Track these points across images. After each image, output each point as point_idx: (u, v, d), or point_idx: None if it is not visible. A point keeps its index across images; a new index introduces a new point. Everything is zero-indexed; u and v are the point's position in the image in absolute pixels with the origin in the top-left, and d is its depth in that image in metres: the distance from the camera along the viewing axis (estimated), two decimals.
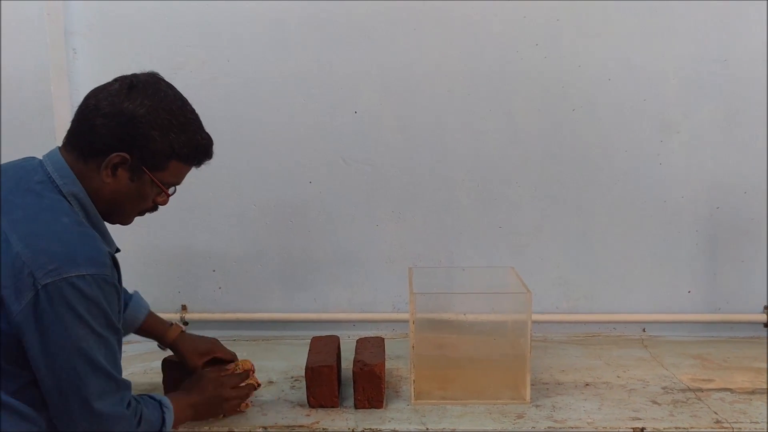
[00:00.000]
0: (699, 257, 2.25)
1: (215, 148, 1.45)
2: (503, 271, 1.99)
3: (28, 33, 2.08)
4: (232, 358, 1.73)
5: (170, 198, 1.43)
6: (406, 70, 2.18)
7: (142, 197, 1.37)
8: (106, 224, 1.40)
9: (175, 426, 1.45)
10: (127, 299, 1.67)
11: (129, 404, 1.31)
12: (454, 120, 2.20)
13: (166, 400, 1.44)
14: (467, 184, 2.23)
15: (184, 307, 2.28)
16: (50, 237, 1.22)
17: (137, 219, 1.45)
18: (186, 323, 2.27)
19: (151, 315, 1.71)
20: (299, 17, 2.16)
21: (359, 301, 2.29)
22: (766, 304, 2.24)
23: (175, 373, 1.72)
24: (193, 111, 1.38)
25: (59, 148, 1.35)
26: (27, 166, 1.33)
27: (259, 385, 1.72)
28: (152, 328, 1.71)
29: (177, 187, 1.44)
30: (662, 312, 2.27)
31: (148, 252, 2.24)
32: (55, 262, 1.18)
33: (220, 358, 1.71)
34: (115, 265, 1.30)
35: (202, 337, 1.76)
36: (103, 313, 1.23)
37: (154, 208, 1.43)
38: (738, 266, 2.24)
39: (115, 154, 1.29)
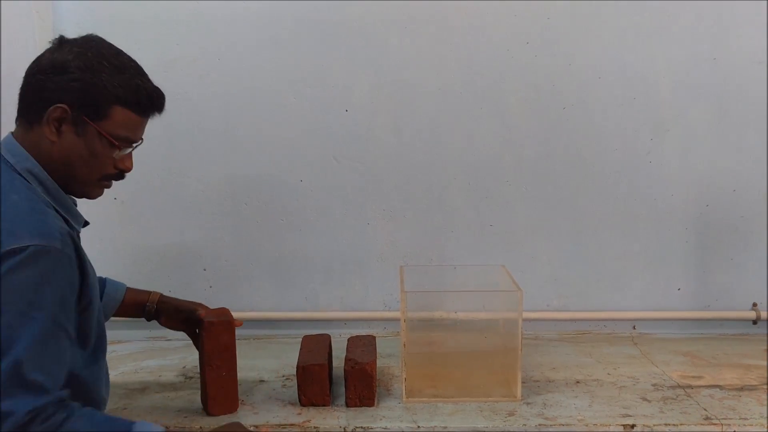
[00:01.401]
0: (689, 255, 2.26)
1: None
2: (494, 269, 1.99)
3: (16, 32, 2.07)
4: (224, 317, 1.66)
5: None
6: (398, 69, 2.18)
7: (95, 155, 1.29)
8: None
9: None
10: (102, 281, 1.62)
11: (41, 412, 1.11)
12: (445, 118, 2.20)
13: (147, 427, 1.23)
14: (458, 183, 2.23)
15: None
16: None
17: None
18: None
19: (130, 290, 1.66)
20: (291, 16, 2.15)
21: (350, 299, 2.29)
22: (755, 301, 2.25)
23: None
24: (131, 59, 1.33)
25: (11, 132, 1.32)
26: None
27: None
28: (134, 300, 1.65)
29: (141, 148, 1.36)
30: (652, 309, 2.28)
31: (138, 250, 2.24)
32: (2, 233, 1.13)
33: (201, 318, 1.64)
34: (74, 243, 1.24)
35: (184, 300, 1.70)
36: (42, 291, 1.14)
37: (119, 175, 1.35)
38: (727, 264, 2.26)
39: (53, 107, 1.24)
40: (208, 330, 1.64)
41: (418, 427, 1.62)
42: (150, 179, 2.18)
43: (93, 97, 1.26)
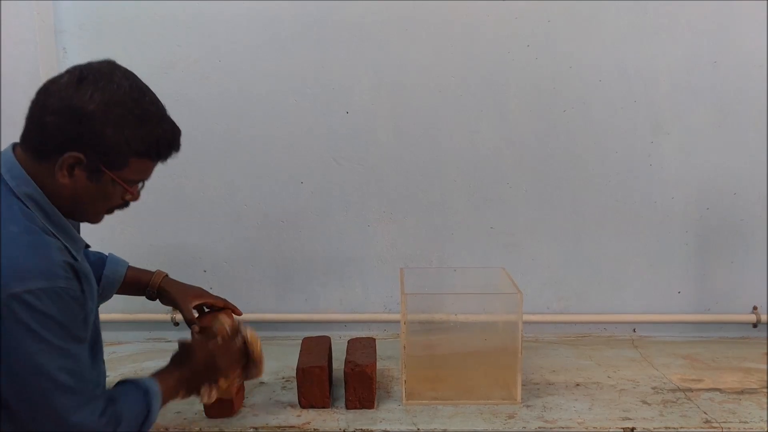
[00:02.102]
0: (689, 258, 2.26)
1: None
2: (494, 271, 1.99)
3: (18, 32, 2.08)
4: (224, 305, 1.66)
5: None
6: (399, 71, 2.18)
7: (106, 197, 1.26)
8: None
9: (169, 400, 1.39)
10: (103, 259, 1.61)
11: (104, 411, 1.23)
12: (446, 120, 2.20)
13: (152, 386, 1.34)
14: (459, 185, 2.23)
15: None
16: None
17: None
18: (177, 324, 2.26)
19: (132, 268, 1.65)
20: (292, 17, 2.15)
21: (351, 301, 2.29)
22: (755, 304, 2.25)
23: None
24: (153, 101, 1.25)
25: (16, 144, 1.26)
26: None
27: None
28: (136, 280, 1.64)
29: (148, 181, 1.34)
30: (652, 312, 2.27)
31: (139, 252, 2.22)
32: (1, 278, 1.11)
33: (211, 304, 1.65)
34: (76, 274, 1.23)
35: (187, 283, 1.69)
36: (60, 325, 1.16)
37: (124, 205, 1.32)
38: (728, 267, 2.26)
39: (68, 154, 1.18)
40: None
41: (418, 429, 1.62)
42: (150, 181, 2.16)
43: (112, 150, 1.20)
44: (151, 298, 1.67)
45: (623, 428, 1.63)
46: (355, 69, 2.18)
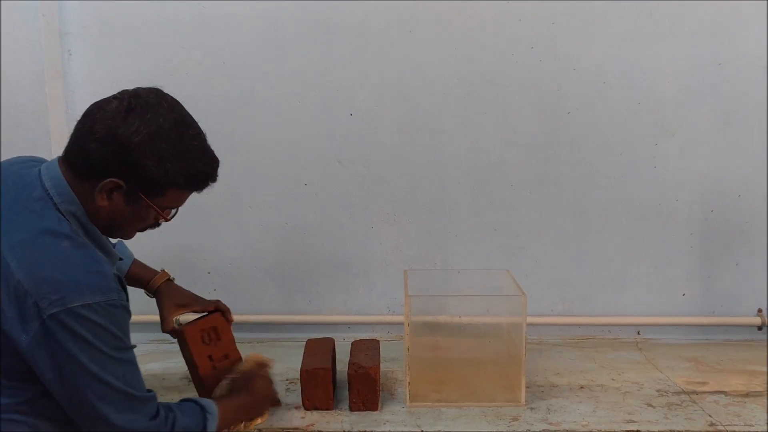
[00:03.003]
0: (694, 260, 2.25)
1: (214, 147, 1.40)
2: (498, 273, 1.99)
3: (22, 34, 2.08)
4: (208, 308, 1.71)
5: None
6: (402, 72, 2.18)
7: (141, 219, 1.32)
8: None
9: (225, 428, 1.44)
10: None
11: (157, 415, 1.30)
12: (449, 122, 2.20)
13: (210, 405, 1.42)
14: (463, 186, 2.23)
15: None
16: (52, 264, 1.18)
17: None
18: (180, 324, 2.26)
19: (137, 263, 1.71)
20: (295, 19, 2.15)
21: (354, 303, 2.29)
22: (760, 307, 2.25)
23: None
24: (196, 134, 1.30)
25: (59, 159, 1.29)
26: (25, 177, 1.27)
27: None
28: (139, 276, 1.68)
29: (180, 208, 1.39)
30: (657, 315, 2.27)
31: (143, 253, 2.22)
32: (59, 292, 1.15)
33: (200, 311, 1.71)
34: (122, 284, 1.31)
35: (185, 290, 1.72)
36: (113, 336, 1.22)
37: (156, 225, 1.38)
38: (732, 269, 2.25)
39: (109, 180, 1.23)
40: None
41: (422, 431, 1.62)
42: None
43: (152, 181, 1.25)
44: (151, 297, 1.71)
45: (628, 431, 1.62)
46: (358, 71, 2.18)
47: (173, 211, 1.36)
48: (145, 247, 2.22)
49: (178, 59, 2.16)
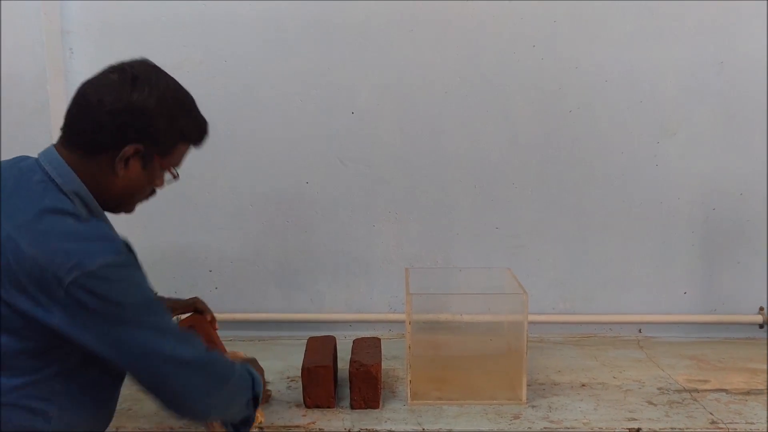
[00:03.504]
0: (695, 258, 2.25)
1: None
2: (500, 272, 1.99)
3: (24, 32, 2.08)
4: (188, 309, 1.74)
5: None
6: (404, 71, 2.18)
7: (151, 182, 1.37)
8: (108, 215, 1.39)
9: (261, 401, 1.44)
10: None
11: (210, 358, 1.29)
12: (451, 121, 2.20)
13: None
14: (464, 185, 2.23)
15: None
16: (60, 237, 1.19)
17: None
18: None
19: None
20: (297, 18, 2.16)
21: (356, 301, 2.29)
22: (761, 305, 2.25)
23: None
24: (187, 93, 1.38)
25: (54, 146, 1.31)
26: (23, 166, 1.29)
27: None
28: None
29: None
30: (658, 313, 2.27)
31: (144, 252, 2.21)
32: (72, 259, 1.16)
33: (179, 314, 1.73)
34: (130, 250, 1.30)
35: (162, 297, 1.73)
36: (138, 289, 1.23)
37: (152, 193, 1.42)
38: (734, 267, 2.25)
39: (129, 146, 1.27)
40: None
41: (423, 429, 1.62)
42: None
43: (166, 139, 1.32)
44: None
45: (629, 429, 1.62)
46: (360, 70, 2.18)
47: (173, 177, 1.42)
48: (146, 246, 2.22)
49: (180, 58, 2.16)
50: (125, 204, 1.39)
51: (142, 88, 1.27)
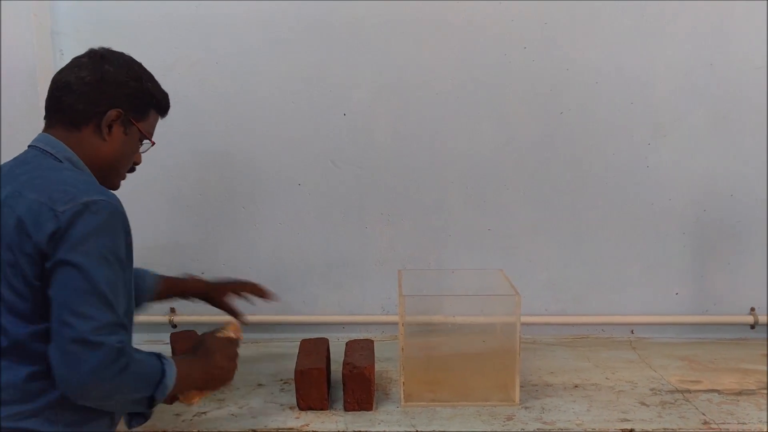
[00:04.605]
0: (686, 259, 2.26)
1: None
2: (492, 273, 1.99)
3: (14, 33, 2.07)
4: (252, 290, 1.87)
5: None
6: (396, 73, 2.18)
7: (132, 151, 1.48)
8: None
9: (181, 390, 1.40)
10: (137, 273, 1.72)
11: (124, 344, 1.25)
12: (443, 122, 2.20)
13: (167, 358, 1.38)
14: (457, 187, 2.23)
15: (172, 310, 2.27)
16: (60, 183, 1.30)
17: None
18: (175, 326, 2.26)
19: (165, 278, 1.81)
20: (290, 19, 2.15)
21: (349, 303, 2.29)
22: (752, 305, 2.26)
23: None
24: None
25: (42, 132, 1.44)
26: (19, 156, 1.42)
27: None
28: (174, 287, 1.82)
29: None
30: (650, 314, 2.28)
31: (136, 252, 2.22)
32: (69, 194, 1.27)
33: (239, 289, 1.87)
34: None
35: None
36: (113, 238, 1.28)
37: (132, 169, 1.53)
38: (725, 268, 2.26)
39: (112, 110, 1.40)
40: None
41: (417, 431, 1.62)
42: (148, 181, 2.17)
43: (141, 102, 1.46)
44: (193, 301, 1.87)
45: (621, 429, 1.63)
46: (353, 71, 2.18)
47: (148, 144, 1.51)
48: (137, 246, 2.22)
49: (171, 59, 2.15)
50: (112, 176, 1.47)
51: (111, 62, 1.44)
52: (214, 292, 1.85)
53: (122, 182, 1.51)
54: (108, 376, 1.22)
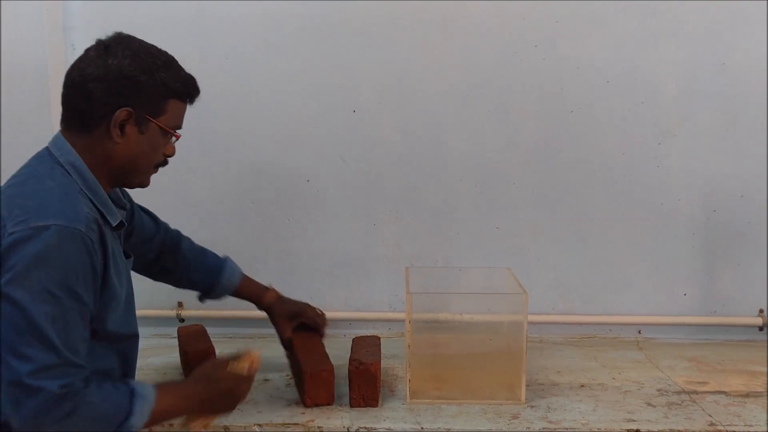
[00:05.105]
0: (695, 260, 2.25)
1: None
2: (500, 271, 1.99)
3: (26, 29, 2.08)
4: (316, 325, 1.86)
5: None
6: (405, 70, 2.18)
7: (154, 148, 1.39)
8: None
9: (169, 417, 1.35)
10: (221, 264, 1.81)
11: (69, 385, 1.16)
12: (452, 120, 2.20)
13: (145, 390, 1.27)
14: (465, 185, 2.23)
15: (180, 304, 2.28)
16: (29, 195, 1.24)
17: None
18: (182, 320, 2.27)
19: (246, 279, 1.85)
20: (297, 17, 2.16)
21: (356, 300, 2.29)
22: (761, 307, 2.24)
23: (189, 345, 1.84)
24: (166, 52, 1.41)
25: (60, 132, 1.38)
26: (35, 154, 1.38)
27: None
28: (248, 292, 1.85)
29: (177, 148, 1.47)
30: (658, 314, 2.27)
31: None
32: (26, 215, 1.19)
33: (304, 324, 1.85)
34: (100, 231, 1.27)
35: (294, 301, 1.89)
36: (61, 269, 1.18)
37: (164, 162, 1.45)
38: (734, 269, 2.25)
39: (120, 110, 1.30)
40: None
41: (422, 428, 1.62)
42: (156, 178, 2.17)
43: (153, 96, 1.34)
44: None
45: (627, 430, 1.62)
46: (361, 68, 2.18)
47: (173, 140, 1.42)
48: None
49: (181, 56, 2.14)
50: (134, 175, 1.40)
51: (115, 53, 1.32)
52: (280, 318, 1.87)
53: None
54: (49, 422, 1.14)
